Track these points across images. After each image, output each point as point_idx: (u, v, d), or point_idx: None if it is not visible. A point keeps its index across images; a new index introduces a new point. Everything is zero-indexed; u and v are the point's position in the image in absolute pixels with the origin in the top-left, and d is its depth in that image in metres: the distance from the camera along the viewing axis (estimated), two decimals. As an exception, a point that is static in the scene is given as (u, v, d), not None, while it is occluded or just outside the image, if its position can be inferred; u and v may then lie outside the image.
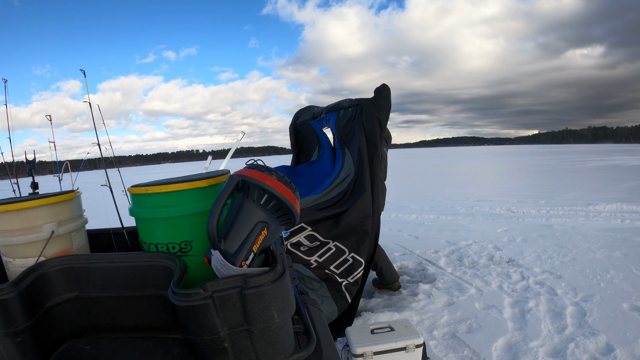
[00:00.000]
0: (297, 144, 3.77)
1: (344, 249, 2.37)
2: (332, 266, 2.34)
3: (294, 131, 3.71)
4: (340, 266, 2.36)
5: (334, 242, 2.35)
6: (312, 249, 2.33)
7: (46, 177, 1.68)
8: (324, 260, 2.34)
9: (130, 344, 0.89)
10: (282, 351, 0.83)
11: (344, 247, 2.37)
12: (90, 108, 1.61)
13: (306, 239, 2.31)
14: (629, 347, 2.08)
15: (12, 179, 1.72)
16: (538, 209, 6.10)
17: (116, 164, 1.77)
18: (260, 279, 0.78)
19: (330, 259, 2.35)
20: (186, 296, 0.75)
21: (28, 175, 1.43)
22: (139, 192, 1.06)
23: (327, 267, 2.34)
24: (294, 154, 3.84)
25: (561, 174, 12.50)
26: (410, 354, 1.71)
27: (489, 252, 3.91)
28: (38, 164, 1.47)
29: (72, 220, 1.10)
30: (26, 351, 0.86)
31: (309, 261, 2.32)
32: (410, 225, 5.47)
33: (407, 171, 17.07)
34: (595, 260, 3.51)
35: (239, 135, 1.84)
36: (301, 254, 2.30)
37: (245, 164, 0.96)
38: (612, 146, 69.75)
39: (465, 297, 2.85)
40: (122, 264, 1.00)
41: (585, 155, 26.10)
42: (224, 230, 0.87)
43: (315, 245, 2.33)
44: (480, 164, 21.07)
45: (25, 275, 0.90)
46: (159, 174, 25.45)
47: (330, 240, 2.35)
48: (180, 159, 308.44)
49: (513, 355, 2.09)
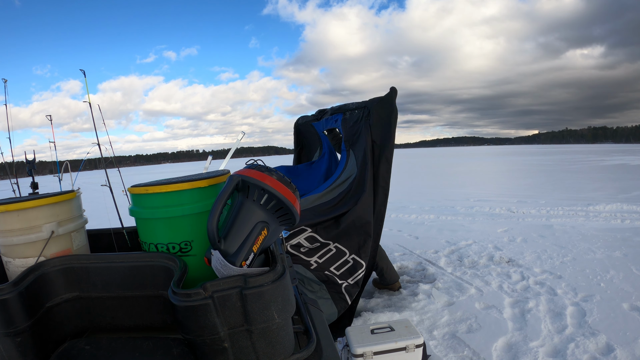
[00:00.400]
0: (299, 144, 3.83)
1: (345, 250, 2.36)
2: (332, 267, 2.34)
3: (297, 131, 3.78)
4: (341, 267, 2.35)
5: (334, 243, 2.34)
6: (312, 250, 2.32)
7: (46, 177, 1.68)
8: (324, 262, 2.33)
9: (130, 344, 0.89)
10: (282, 351, 0.83)
11: (344, 248, 2.36)
12: (90, 108, 1.61)
13: (306, 240, 2.30)
14: (629, 347, 2.08)
15: (12, 179, 1.72)
16: (538, 209, 6.10)
17: (116, 164, 1.77)
18: (260, 279, 0.77)
19: (331, 260, 2.34)
20: (186, 296, 0.75)
21: (28, 175, 1.43)
22: (139, 192, 1.06)
23: (327, 268, 2.33)
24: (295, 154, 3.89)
25: (561, 174, 12.50)
26: (410, 354, 1.71)
27: (489, 252, 3.91)
28: (38, 164, 1.46)
29: (72, 220, 1.10)
30: (26, 351, 0.86)
31: (309, 262, 2.31)
32: (410, 225, 5.47)
33: (407, 171, 17.07)
34: (595, 260, 3.51)
35: (239, 135, 1.84)
36: (301, 255, 2.30)
37: (245, 164, 0.96)
38: (612, 146, 69.77)
39: (465, 297, 2.84)
40: (122, 264, 1.00)
41: (585, 155, 26.10)
42: (224, 231, 0.87)
43: (315, 246, 2.32)
44: (480, 164, 21.08)
45: (25, 275, 0.90)
46: (159, 174, 25.45)
47: (330, 242, 2.34)
48: (180, 159, 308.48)
49: (513, 355, 2.09)
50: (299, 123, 3.70)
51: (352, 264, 2.36)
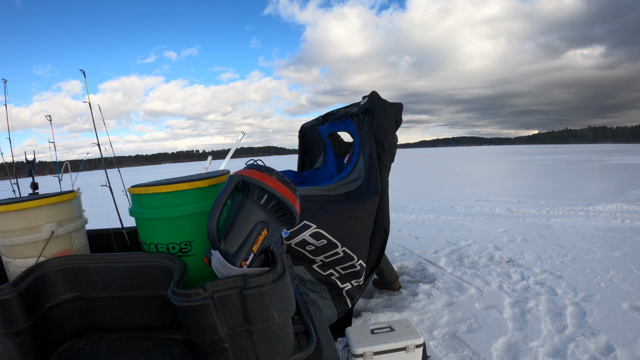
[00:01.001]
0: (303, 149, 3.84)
1: (353, 255, 2.29)
2: (338, 267, 2.29)
3: (302, 135, 3.79)
4: (345, 269, 2.30)
5: (342, 247, 2.26)
6: (319, 249, 2.25)
7: (46, 178, 1.68)
8: (330, 262, 2.28)
9: (130, 344, 0.90)
10: (282, 351, 0.83)
11: (353, 254, 2.29)
12: (90, 108, 1.61)
13: (312, 237, 2.22)
14: (629, 347, 2.08)
15: (12, 179, 1.72)
16: (538, 209, 6.10)
17: (116, 164, 1.77)
18: (260, 279, 0.77)
19: (337, 262, 2.28)
20: (186, 296, 0.75)
21: (28, 176, 1.43)
22: (139, 192, 1.06)
23: (332, 267, 2.28)
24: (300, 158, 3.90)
25: (561, 174, 12.50)
26: (410, 354, 1.71)
27: (489, 252, 3.91)
28: (38, 164, 1.46)
29: (72, 220, 1.10)
30: (26, 351, 0.86)
31: (314, 260, 2.26)
32: (410, 225, 5.47)
33: (407, 171, 17.07)
34: (595, 260, 3.51)
35: (239, 135, 1.84)
36: (307, 253, 2.24)
37: (245, 164, 0.96)
38: (612, 146, 69.78)
39: (465, 297, 2.84)
40: (122, 264, 1.00)
41: (585, 155, 26.10)
42: (224, 231, 0.87)
43: (322, 244, 2.25)
44: (480, 164, 21.08)
45: (25, 276, 0.90)
46: (159, 174, 25.45)
47: (339, 244, 2.26)
48: (180, 159, 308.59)
49: (513, 355, 2.09)
50: (304, 127, 3.71)
51: (358, 269, 2.32)
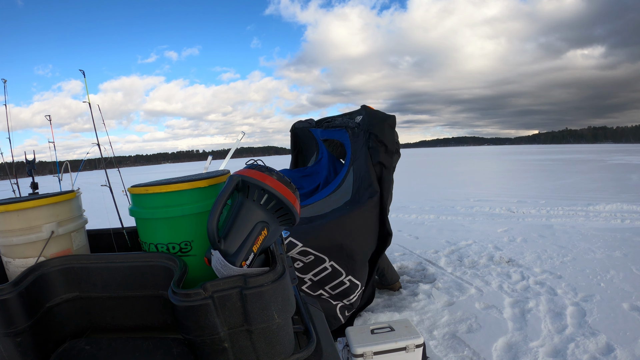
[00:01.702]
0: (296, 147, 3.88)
1: (341, 270, 2.24)
2: (327, 287, 2.25)
3: (294, 135, 3.82)
4: (336, 288, 2.26)
5: (330, 261, 2.22)
6: (307, 266, 2.21)
7: (46, 177, 1.68)
8: (319, 280, 2.23)
9: (130, 344, 0.89)
10: (282, 351, 0.83)
11: (340, 268, 2.24)
12: (90, 108, 1.61)
13: (299, 254, 2.18)
14: (629, 347, 2.08)
15: (12, 179, 1.72)
16: (538, 209, 6.10)
17: (116, 164, 1.77)
18: (260, 279, 0.77)
19: (326, 279, 2.24)
20: (186, 296, 0.75)
21: (28, 176, 1.43)
22: (139, 192, 1.06)
23: (322, 287, 2.24)
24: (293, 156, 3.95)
25: (561, 174, 12.50)
26: (410, 354, 1.71)
27: (489, 252, 3.91)
28: (38, 164, 1.46)
29: (72, 220, 1.10)
30: (26, 351, 0.86)
31: (303, 279, 2.22)
32: (410, 225, 5.47)
33: (407, 171, 17.07)
34: (595, 260, 3.51)
35: (239, 135, 1.84)
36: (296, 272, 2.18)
37: (245, 164, 0.96)
38: (612, 146, 69.76)
39: (465, 297, 2.84)
40: (122, 264, 1.00)
41: (585, 155, 26.09)
42: (224, 231, 0.87)
43: (309, 260, 2.20)
44: (480, 164, 21.07)
45: (25, 276, 0.90)
46: (159, 174, 25.45)
47: (326, 258, 2.21)
48: (180, 159, 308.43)
49: (513, 355, 2.09)
50: (295, 127, 3.74)
51: (349, 285, 2.27)
